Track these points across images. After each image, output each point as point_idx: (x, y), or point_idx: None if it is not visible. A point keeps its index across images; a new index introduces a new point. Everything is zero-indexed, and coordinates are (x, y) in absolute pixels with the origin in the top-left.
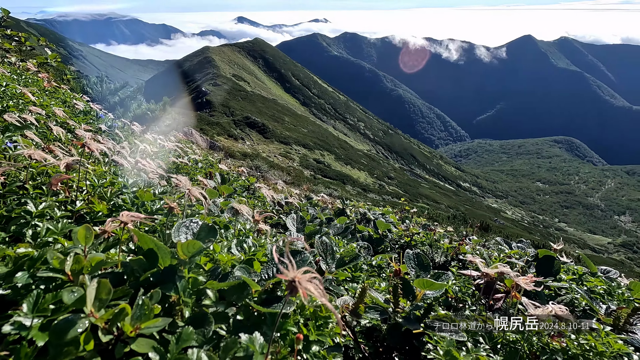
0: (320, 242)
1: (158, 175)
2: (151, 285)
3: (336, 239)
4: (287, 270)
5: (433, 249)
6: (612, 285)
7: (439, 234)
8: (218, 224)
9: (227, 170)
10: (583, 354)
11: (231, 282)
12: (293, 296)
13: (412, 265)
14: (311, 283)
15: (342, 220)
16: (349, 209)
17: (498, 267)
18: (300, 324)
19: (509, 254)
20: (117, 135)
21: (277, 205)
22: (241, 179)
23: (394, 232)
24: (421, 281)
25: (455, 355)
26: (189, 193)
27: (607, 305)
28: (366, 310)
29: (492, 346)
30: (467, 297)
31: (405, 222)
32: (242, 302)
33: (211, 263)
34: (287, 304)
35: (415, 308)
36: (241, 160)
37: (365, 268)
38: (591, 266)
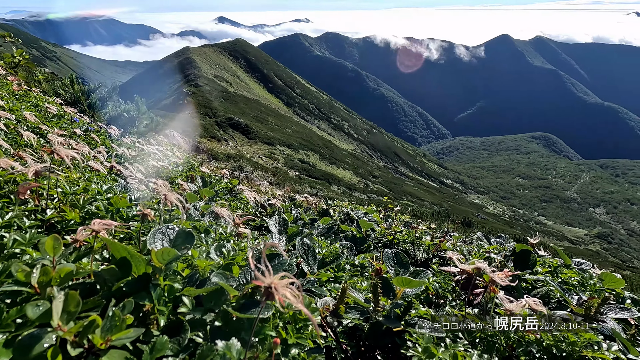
0: (301, 244)
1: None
2: (124, 295)
3: (319, 240)
4: (263, 276)
5: (415, 246)
6: (584, 276)
7: (421, 231)
8: (198, 229)
9: (209, 172)
10: (556, 344)
11: (208, 288)
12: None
13: (391, 264)
14: (288, 289)
15: (326, 220)
16: (333, 209)
17: (475, 263)
18: (280, 327)
19: (488, 249)
20: (93, 139)
21: (260, 207)
22: (223, 181)
23: (377, 231)
24: (400, 279)
25: (434, 351)
26: (165, 198)
27: (579, 296)
28: (347, 311)
29: (471, 341)
30: (447, 294)
31: (387, 221)
32: (220, 308)
33: (189, 269)
34: (265, 309)
35: (395, 306)
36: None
37: (348, 268)
38: (565, 259)
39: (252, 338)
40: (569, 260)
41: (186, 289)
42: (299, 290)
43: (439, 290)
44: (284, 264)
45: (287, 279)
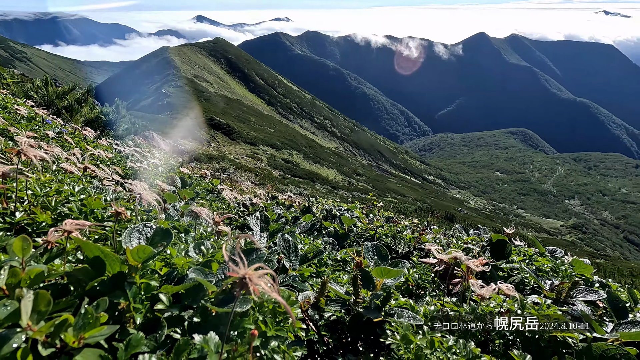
0: (282, 240)
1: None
2: (99, 294)
3: (301, 237)
4: (237, 267)
5: (396, 240)
6: (557, 263)
7: (402, 225)
8: (178, 228)
9: (189, 173)
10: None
11: (186, 284)
12: (244, 293)
13: (371, 256)
14: (263, 279)
15: (308, 218)
16: (315, 207)
17: (452, 253)
18: (259, 321)
19: (466, 241)
20: (67, 141)
21: (241, 207)
22: (205, 182)
23: (359, 227)
24: (379, 270)
25: (411, 338)
26: (141, 197)
27: (552, 282)
28: (327, 303)
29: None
30: (427, 284)
31: (369, 216)
32: (199, 304)
33: (167, 268)
34: (243, 303)
35: (375, 297)
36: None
37: (330, 263)
38: (539, 247)
39: (232, 332)
40: (543, 249)
41: (164, 287)
42: (274, 280)
43: (418, 281)
44: (262, 259)
45: (262, 270)
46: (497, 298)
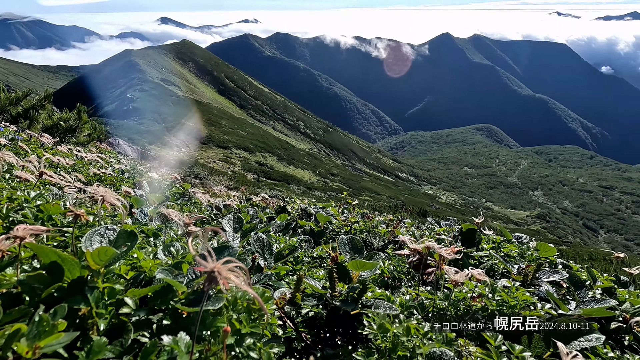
0: (256, 239)
1: (75, 189)
2: (57, 301)
3: (277, 236)
4: (206, 262)
5: (371, 235)
6: (523, 248)
7: (376, 220)
8: (146, 233)
9: (158, 178)
10: (498, 308)
11: (154, 286)
12: (213, 287)
13: (346, 250)
14: (233, 272)
15: (283, 217)
16: (290, 206)
17: (424, 243)
18: (233, 319)
19: (438, 232)
20: (22, 148)
21: (215, 210)
22: (175, 186)
23: (335, 224)
24: (354, 263)
25: (388, 327)
26: (103, 200)
27: (519, 265)
28: (304, 299)
29: (425, 315)
30: (402, 275)
31: (344, 213)
32: (169, 306)
33: (134, 271)
34: (216, 300)
35: (351, 290)
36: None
37: (307, 260)
38: (507, 234)
39: (204, 332)
40: (510, 236)
41: (130, 291)
42: (245, 274)
43: (394, 272)
44: (234, 255)
45: (232, 264)
46: (469, 284)
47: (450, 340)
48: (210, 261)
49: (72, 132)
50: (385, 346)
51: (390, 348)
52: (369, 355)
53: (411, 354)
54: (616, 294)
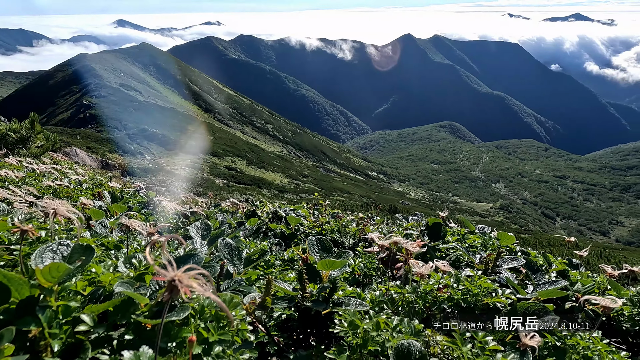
0: (224, 244)
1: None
2: (4, 324)
3: (247, 241)
4: (166, 270)
5: (342, 234)
6: (485, 238)
7: (347, 219)
8: (106, 245)
9: (120, 187)
10: (463, 297)
11: (114, 300)
12: (175, 297)
13: (315, 250)
14: (196, 280)
15: (253, 221)
16: (260, 210)
17: (392, 238)
18: (201, 328)
19: (406, 227)
20: None
21: (182, 217)
22: (139, 195)
23: (306, 225)
24: (323, 262)
25: (358, 323)
26: (55, 213)
27: (481, 255)
28: (274, 302)
29: (395, 310)
30: (373, 272)
31: (314, 214)
32: (131, 320)
33: (92, 287)
34: (181, 310)
35: (322, 289)
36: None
37: (278, 263)
38: (469, 226)
39: (170, 343)
40: (473, 227)
41: (87, 307)
42: (208, 280)
43: (364, 270)
44: (200, 263)
45: (194, 271)
46: (435, 276)
47: (418, 331)
48: (171, 270)
49: (24, 142)
50: (356, 342)
51: (361, 344)
52: (340, 352)
53: (381, 348)
54: (569, 275)
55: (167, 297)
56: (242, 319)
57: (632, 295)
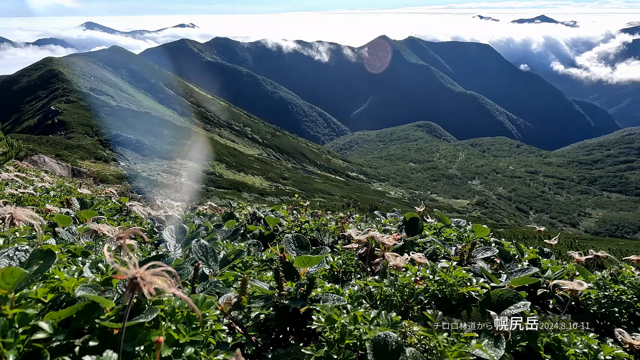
0: (198, 246)
1: None
2: None
3: (224, 243)
4: (127, 268)
5: (321, 232)
6: (461, 231)
7: (326, 218)
8: (73, 252)
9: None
10: (439, 288)
11: (77, 306)
12: (136, 295)
13: (292, 248)
14: (160, 276)
15: (231, 223)
16: (238, 212)
17: (368, 233)
18: (171, 330)
19: (384, 223)
20: None
21: (157, 222)
22: (111, 201)
23: (285, 225)
24: (300, 259)
25: (335, 317)
26: (12, 218)
27: (456, 247)
28: (250, 301)
29: (373, 303)
30: (352, 268)
31: (293, 213)
32: (95, 325)
33: (54, 293)
34: (149, 312)
35: (299, 287)
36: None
37: (256, 264)
38: (445, 220)
39: (138, 347)
40: (449, 221)
41: (48, 314)
42: (174, 277)
43: (343, 266)
44: (170, 263)
45: (158, 268)
46: (412, 268)
47: (395, 323)
48: (133, 268)
49: None
50: (334, 337)
51: (339, 338)
52: (318, 348)
53: (359, 341)
54: (540, 264)
55: (128, 296)
56: (216, 319)
57: (597, 279)
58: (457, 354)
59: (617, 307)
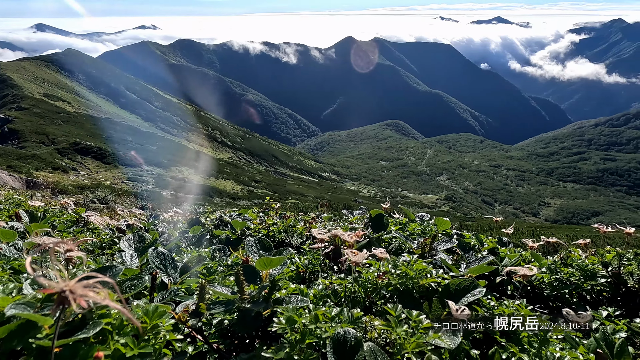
0: (155, 254)
1: None
2: None
3: (188, 250)
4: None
5: (289, 234)
6: (424, 225)
7: (294, 219)
8: (16, 268)
9: (42, 206)
10: (400, 281)
11: (8, 326)
12: (65, 309)
13: (254, 251)
14: (93, 288)
15: (196, 229)
16: (204, 217)
17: (330, 231)
18: (119, 344)
19: (351, 221)
20: None
21: (117, 232)
22: (67, 213)
23: (252, 229)
24: (261, 261)
25: (295, 318)
26: None
27: (418, 240)
28: (210, 307)
29: (337, 301)
30: (318, 267)
31: (260, 216)
32: (31, 345)
33: None
34: (93, 326)
35: (261, 289)
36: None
37: (221, 269)
38: (409, 215)
39: None
40: (413, 216)
41: None
42: (113, 289)
43: (309, 266)
44: (117, 275)
45: (92, 279)
46: (376, 264)
47: (356, 319)
48: (61, 281)
49: None
50: (294, 338)
51: (299, 339)
52: (279, 350)
53: (320, 340)
54: (499, 252)
55: (55, 311)
56: (171, 329)
57: (550, 264)
58: (415, 344)
59: (567, 288)
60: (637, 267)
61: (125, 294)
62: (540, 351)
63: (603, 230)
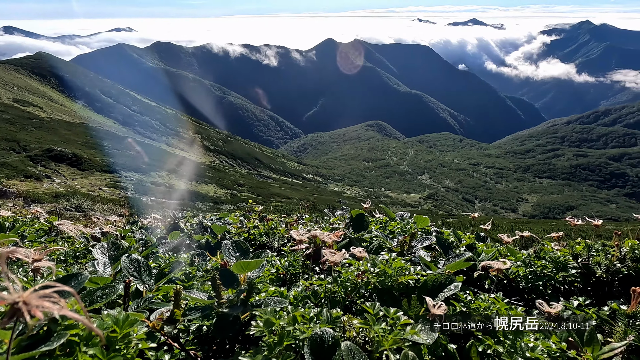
0: (129, 261)
1: None
2: None
3: (166, 256)
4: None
5: (270, 236)
6: (404, 223)
7: (275, 221)
8: None
9: (11, 216)
10: (379, 280)
11: None
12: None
13: (231, 254)
14: (50, 299)
15: (175, 235)
16: (184, 222)
17: (309, 232)
18: (87, 356)
19: (332, 221)
20: None
21: (91, 240)
22: (39, 222)
23: (232, 232)
24: (238, 264)
25: (273, 320)
26: None
27: (398, 239)
28: (186, 313)
29: (317, 302)
30: (299, 269)
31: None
32: None
33: None
34: (58, 338)
35: (239, 293)
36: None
37: (200, 274)
38: (390, 214)
39: None
40: (393, 214)
41: None
42: (71, 296)
43: (289, 268)
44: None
45: (48, 289)
46: (355, 263)
47: (335, 319)
48: (14, 292)
49: None
50: (272, 340)
51: (277, 341)
52: (257, 353)
53: (299, 341)
54: (476, 248)
55: (5, 324)
56: (143, 337)
57: (524, 257)
58: (392, 342)
59: (541, 280)
60: (605, 257)
61: (96, 303)
62: (515, 342)
63: (574, 223)
